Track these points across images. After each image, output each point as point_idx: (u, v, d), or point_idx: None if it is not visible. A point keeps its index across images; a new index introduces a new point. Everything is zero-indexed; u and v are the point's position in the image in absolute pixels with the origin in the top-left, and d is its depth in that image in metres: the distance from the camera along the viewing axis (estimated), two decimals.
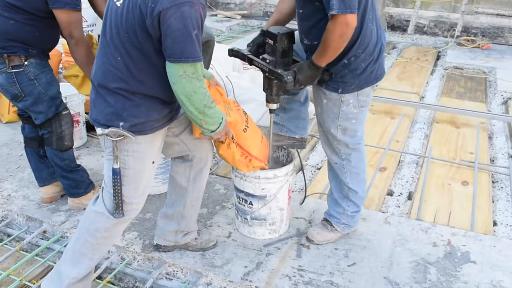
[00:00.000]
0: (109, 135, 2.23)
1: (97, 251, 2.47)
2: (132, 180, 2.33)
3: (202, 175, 2.72)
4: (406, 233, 3.15)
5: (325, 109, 2.71)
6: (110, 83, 2.20)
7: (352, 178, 2.87)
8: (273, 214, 2.97)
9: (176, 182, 2.74)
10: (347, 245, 3.01)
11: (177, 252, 2.92)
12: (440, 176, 4.05)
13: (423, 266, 2.85)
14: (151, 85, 2.21)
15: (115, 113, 2.22)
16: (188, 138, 2.59)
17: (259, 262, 2.85)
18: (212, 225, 3.18)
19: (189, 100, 2.20)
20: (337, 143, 2.78)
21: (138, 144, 2.28)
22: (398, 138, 4.76)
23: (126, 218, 2.42)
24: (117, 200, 2.33)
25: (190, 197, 2.74)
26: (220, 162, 4.22)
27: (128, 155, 2.29)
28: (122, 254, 2.98)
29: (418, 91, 6.05)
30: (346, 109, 2.66)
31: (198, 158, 2.66)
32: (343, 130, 2.72)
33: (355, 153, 2.81)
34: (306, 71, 2.53)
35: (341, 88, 2.62)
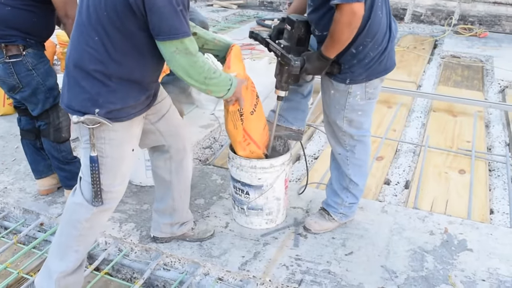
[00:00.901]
0: (85, 123, 2.18)
1: (81, 243, 2.44)
2: (110, 168, 2.30)
3: (184, 166, 2.70)
4: (403, 221, 3.16)
5: (332, 99, 2.70)
6: (87, 64, 2.14)
7: (355, 170, 2.87)
8: (270, 204, 2.98)
9: (159, 176, 2.73)
10: (344, 234, 3.03)
11: (174, 243, 2.93)
12: (437, 165, 4.06)
13: (420, 255, 2.87)
14: (129, 67, 2.17)
15: (90, 99, 2.16)
16: (164, 127, 2.56)
17: (256, 252, 2.86)
18: (209, 215, 3.19)
19: (188, 75, 2.19)
20: (342, 134, 2.77)
21: (115, 132, 2.24)
22: (395, 127, 4.76)
23: (106, 207, 2.38)
24: (96, 189, 2.29)
25: (176, 190, 2.74)
26: (217, 152, 4.23)
27: (105, 143, 2.25)
28: (119, 246, 2.99)
29: (415, 80, 6.05)
30: (352, 100, 2.65)
31: (175, 149, 2.63)
32: (349, 122, 2.72)
33: (360, 145, 2.81)
34: (315, 61, 2.51)
35: (349, 79, 2.59)
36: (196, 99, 4.92)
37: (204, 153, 4.25)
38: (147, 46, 2.16)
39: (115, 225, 3.09)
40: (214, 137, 4.47)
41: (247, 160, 2.85)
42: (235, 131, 2.70)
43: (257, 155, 2.86)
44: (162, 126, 2.55)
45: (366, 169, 2.94)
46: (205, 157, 4.20)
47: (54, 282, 2.43)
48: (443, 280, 2.68)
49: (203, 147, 4.31)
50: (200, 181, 3.59)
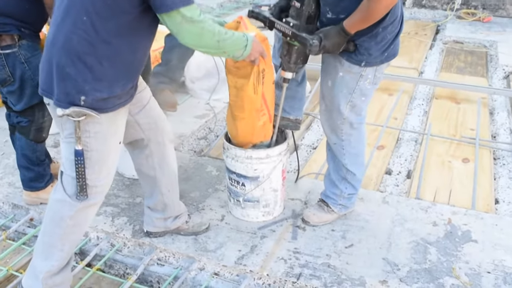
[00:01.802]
0: (71, 115, 2.13)
1: (66, 241, 2.40)
2: (95, 162, 2.26)
3: (167, 160, 2.67)
4: (405, 212, 3.14)
5: (339, 83, 2.65)
6: (75, 47, 2.08)
7: (351, 159, 2.85)
8: (267, 195, 2.95)
9: (144, 174, 2.70)
10: (344, 226, 3.00)
11: (168, 237, 2.90)
12: (440, 154, 4.04)
13: (423, 246, 2.85)
14: (120, 48, 2.12)
15: (75, 87, 2.11)
16: (143, 120, 2.52)
17: (253, 245, 2.84)
18: (204, 208, 3.17)
19: (200, 43, 2.16)
20: (341, 121, 2.74)
21: (100, 124, 2.20)
22: (396, 115, 4.74)
23: (91, 202, 2.34)
24: (81, 183, 2.26)
25: (163, 185, 2.71)
26: (212, 143, 4.20)
27: (90, 136, 2.20)
28: (111, 241, 2.96)
29: (417, 66, 6.02)
30: (363, 84, 2.62)
31: (155, 142, 2.59)
32: (352, 107, 2.68)
33: (356, 133, 2.78)
34: (334, 37, 2.46)
35: (365, 61, 2.56)
36: (190, 88, 4.88)
37: (199, 144, 4.22)
38: (138, 25, 2.12)
39: (107, 220, 3.06)
40: (209, 128, 4.44)
41: (242, 150, 2.82)
42: (255, 97, 2.62)
43: (268, 130, 2.82)
44: (141, 118, 2.51)
45: (363, 158, 2.92)
46: (200, 148, 4.17)
47: (41, 282, 2.40)
48: (447, 273, 2.66)
49: (198, 137, 4.28)
50: (195, 173, 3.56)
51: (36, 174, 3.13)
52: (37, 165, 3.12)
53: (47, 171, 3.19)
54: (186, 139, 4.14)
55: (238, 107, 2.72)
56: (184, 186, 3.36)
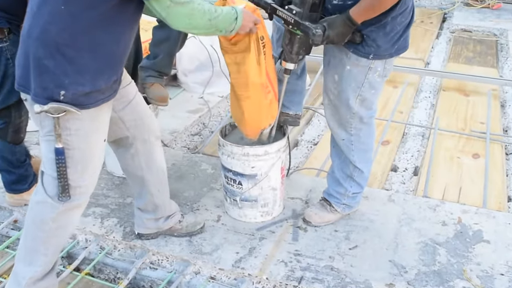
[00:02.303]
0: (49, 112, 2.10)
1: (50, 245, 2.38)
2: (78, 161, 2.23)
3: (154, 158, 2.66)
4: (413, 211, 3.15)
5: (346, 77, 2.64)
6: (52, 38, 2.04)
7: (360, 156, 2.85)
8: (265, 194, 2.95)
9: (131, 174, 2.70)
10: (348, 227, 3.01)
11: (161, 239, 2.90)
12: (448, 149, 4.05)
13: (431, 247, 2.85)
14: (101, 37, 2.09)
15: (54, 80, 2.08)
16: (128, 116, 2.50)
17: (251, 247, 2.84)
18: (199, 208, 3.17)
19: (192, 25, 2.16)
20: (350, 116, 2.73)
21: (81, 121, 2.17)
22: (401, 108, 4.74)
23: (74, 204, 2.31)
24: (63, 183, 2.23)
25: (152, 185, 2.71)
26: (206, 139, 4.20)
27: (71, 134, 2.17)
28: (101, 243, 2.96)
29: (423, 56, 6.03)
30: (372, 77, 2.61)
31: (140, 140, 2.58)
32: (362, 101, 2.68)
33: (366, 128, 2.79)
34: (339, 27, 2.44)
35: (373, 54, 2.54)
36: (182, 81, 4.88)
37: (193, 140, 4.22)
38: (120, 13, 2.10)
39: (96, 221, 3.06)
40: (203, 123, 4.44)
41: (239, 147, 2.82)
42: (258, 68, 2.61)
43: (274, 109, 2.80)
44: (126, 114, 2.49)
45: (371, 155, 2.93)
46: (193, 144, 4.17)
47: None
48: (458, 275, 2.66)
49: (192, 133, 4.28)
50: (189, 171, 3.56)
51: (18, 177, 3.12)
52: (18, 167, 3.09)
53: (30, 171, 3.17)
54: (179, 136, 4.14)
55: (241, 86, 2.69)
56: (177, 185, 3.36)
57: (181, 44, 3.51)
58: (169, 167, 3.54)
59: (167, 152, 3.76)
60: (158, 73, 3.50)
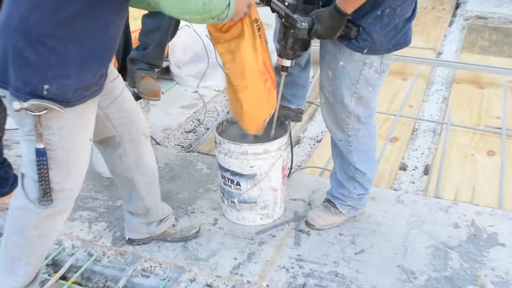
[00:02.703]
0: (30, 110, 2.07)
1: (32, 254, 2.37)
2: (61, 162, 2.21)
3: (143, 158, 2.65)
4: (423, 213, 3.15)
5: (340, 73, 2.64)
6: (33, 27, 2.01)
7: (360, 157, 2.85)
8: (265, 196, 2.96)
9: (119, 175, 2.70)
10: (353, 230, 3.02)
11: (154, 244, 2.91)
12: (461, 146, 4.05)
13: (443, 251, 2.86)
14: (86, 26, 2.06)
15: (37, 73, 2.04)
16: (115, 114, 2.49)
17: (250, 252, 2.85)
18: (194, 211, 3.18)
19: (186, 10, 2.13)
20: (346, 115, 2.73)
21: (65, 119, 2.14)
22: (411, 102, 4.75)
23: (57, 209, 2.30)
24: (44, 186, 2.22)
25: (142, 187, 2.70)
26: (202, 137, 4.20)
27: (53, 133, 2.15)
28: (89, 249, 2.96)
29: (434, 46, 6.03)
30: (367, 73, 2.60)
31: (128, 140, 2.57)
32: (358, 99, 2.68)
33: (365, 128, 2.78)
34: (328, 19, 2.43)
35: (367, 48, 2.53)
36: (175, 74, 4.88)
37: (187, 138, 4.23)
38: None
39: (83, 226, 3.06)
40: (199, 119, 4.44)
41: (236, 145, 2.83)
42: (255, 54, 2.60)
43: (273, 98, 2.79)
44: (113, 112, 2.48)
45: (374, 155, 2.92)
46: (188, 142, 4.18)
47: None
48: (471, 281, 2.67)
49: (186, 131, 4.29)
50: (183, 171, 3.57)
51: None
52: None
53: (9, 173, 3.15)
54: (172, 133, 4.14)
55: (237, 75, 2.67)
56: (170, 186, 3.37)
57: (173, 33, 3.51)
58: (161, 167, 3.56)
59: (160, 151, 3.77)
60: (149, 66, 3.50)
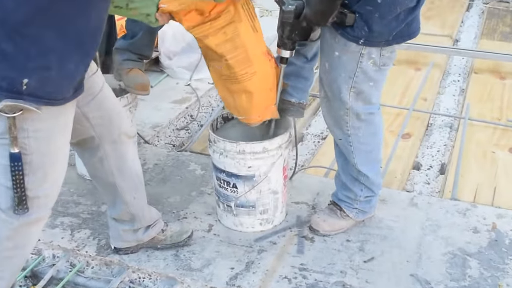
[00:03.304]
0: (3, 111, 2.05)
1: (6, 267, 2.37)
2: (37, 167, 2.21)
3: (126, 161, 2.64)
4: (439, 217, 3.16)
5: (336, 64, 2.64)
6: (10, 15, 1.98)
7: (361, 158, 2.85)
8: (265, 199, 2.97)
9: (101, 180, 2.70)
10: (362, 235, 3.02)
11: (142, 253, 2.91)
12: (481, 142, 4.05)
13: (461, 259, 2.86)
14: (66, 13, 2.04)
15: (15, 66, 2.03)
16: (94, 113, 2.48)
17: (249, 261, 2.86)
18: (187, 216, 3.18)
19: None
20: (344, 112, 2.73)
21: (42, 120, 2.13)
22: (425, 95, 4.75)
23: (33, 218, 2.29)
24: (19, 194, 2.20)
25: (127, 192, 2.70)
26: (195, 134, 4.20)
27: (29, 136, 2.14)
28: (71, 259, 2.97)
29: (451, 33, 6.03)
30: (366, 65, 2.60)
31: (109, 141, 2.56)
32: (356, 94, 2.67)
33: (366, 126, 2.78)
34: (317, 3, 2.43)
35: (363, 38, 2.52)
36: (166, 66, 4.88)
37: (179, 135, 4.23)
38: None
39: (65, 233, 3.07)
40: (191, 115, 4.45)
41: (233, 143, 2.83)
42: (256, 35, 2.61)
43: (278, 77, 2.80)
44: (92, 110, 2.47)
45: (378, 155, 2.93)
46: (180, 141, 4.18)
47: None
48: None
49: (177, 128, 4.29)
50: (174, 173, 3.57)
51: None
52: None
53: None
54: (162, 130, 4.14)
55: (243, 63, 2.65)
56: (160, 190, 3.37)
57: None
58: (150, 168, 3.56)
59: (149, 150, 3.78)
60: (137, 56, 3.50)
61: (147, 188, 2.87)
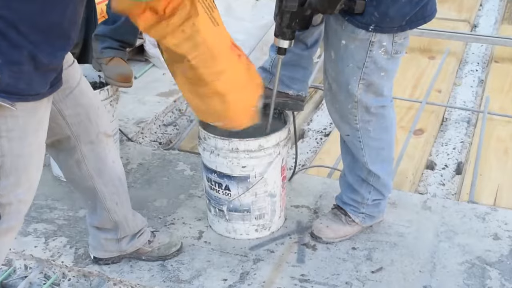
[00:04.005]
0: None
1: None
2: (10, 171, 2.20)
3: (106, 162, 2.63)
4: (455, 222, 3.16)
5: (343, 54, 2.64)
6: None
7: (372, 156, 2.85)
8: (261, 203, 2.97)
9: (79, 185, 2.69)
10: (370, 243, 3.02)
11: (125, 263, 2.90)
12: (502, 139, 4.06)
13: (479, 268, 2.87)
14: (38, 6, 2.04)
15: None
16: (70, 110, 2.47)
17: (244, 272, 2.86)
18: (174, 222, 3.18)
19: None
20: (352, 105, 2.73)
21: (15, 118, 2.13)
22: (440, 86, 4.75)
23: (3, 228, 2.28)
24: None
25: (108, 197, 2.69)
26: (184, 131, 4.20)
27: (1, 136, 2.14)
28: (45, 270, 2.97)
29: (468, 17, 6.03)
30: (377, 54, 2.59)
31: (86, 141, 2.55)
32: (366, 86, 2.67)
33: (377, 120, 2.78)
34: None
35: (374, 24, 2.51)
36: (151, 54, 4.88)
37: (166, 132, 4.23)
38: None
39: (38, 241, 3.06)
40: (180, 109, 4.45)
41: (225, 140, 2.82)
42: (218, 29, 2.54)
43: (255, 73, 2.73)
44: (68, 107, 2.47)
45: (390, 154, 2.93)
46: (167, 138, 4.18)
47: None
48: None
49: (164, 124, 4.29)
50: (161, 173, 3.58)
51: None
52: None
53: None
54: (147, 126, 4.14)
55: (207, 62, 2.58)
56: (145, 192, 3.37)
57: None
58: (134, 169, 3.56)
59: (132, 149, 3.78)
60: (119, 44, 3.50)
61: (131, 191, 2.87)
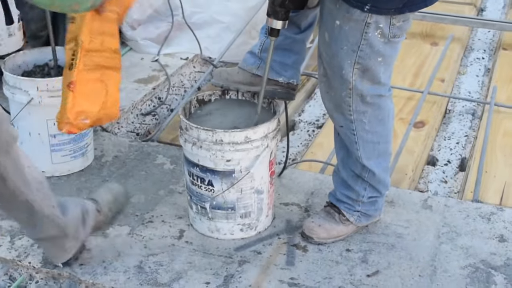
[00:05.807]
0: None
1: None
2: None
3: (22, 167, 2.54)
4: (458, 222, 3.17)
5: (337, 36, 2.64)
6: None
7: (367, 150, 2.86)
8: (247, 200, 2.97)
9: (9, 204, 2.62)
10: (365, 244, 3.03)
11: (98, 265, 2.90)
12: (509, 133, 4.08)
13: (484, 273, 2.87)
14: None
15: None
16: None
17: (228, 275, 2.86)
18: (153, 220, 3.18)
19: None
20: (346, 93, 2.74)
21: None
22: (443, 75, 4.76)
23: None
24: None
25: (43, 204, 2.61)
26: (163, 121, 4.19)
27: None
28: (11, 272, 2.96)
29: (474, 0, 6.04)
30: (372, 37, 2.59)
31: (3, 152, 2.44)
32: (362, 72, 2.68)
33: (373, 110, 2.79)
34: None
35: (370, 5, 2.52)
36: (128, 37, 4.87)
37: (144, 122, 4.22)
38: None
39: (3, 240, 3.06)
40: (159, 97, 4.44)
41: (208, 131, 2.82)
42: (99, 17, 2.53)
43: None
44: None
45: (387, 148, 2.94)
46: (145, 128, 4.17)
47: None
48: None
49: (142, 113, 4.28)
50: (138, 167, 3.58)
51: None
52: None
53: None
54: (124, 115, 4.13)
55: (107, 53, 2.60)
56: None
57: None
58: (109, 162, 3.56)
59: (107, 140, 3.77)
60: None
61: None
